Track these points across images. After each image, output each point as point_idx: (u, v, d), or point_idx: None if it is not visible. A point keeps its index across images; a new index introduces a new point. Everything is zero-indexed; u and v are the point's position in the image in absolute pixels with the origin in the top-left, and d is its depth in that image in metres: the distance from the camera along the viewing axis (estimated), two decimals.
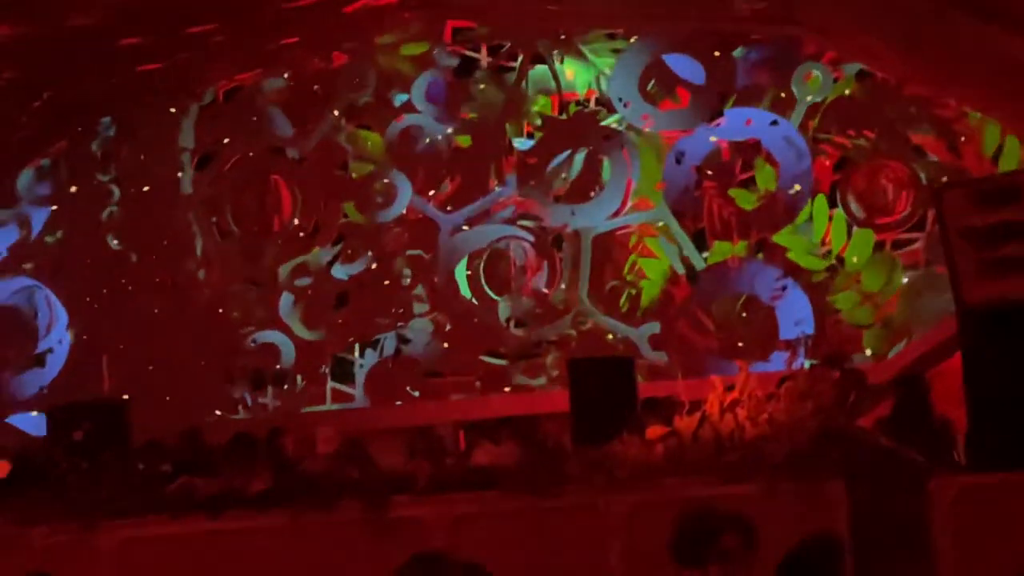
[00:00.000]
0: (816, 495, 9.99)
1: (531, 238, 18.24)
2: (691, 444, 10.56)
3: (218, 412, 17.97)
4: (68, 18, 15.01)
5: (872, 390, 11.82)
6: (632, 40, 18.18)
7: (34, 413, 17.46)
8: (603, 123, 18.30)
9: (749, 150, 17.85)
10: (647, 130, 18.03)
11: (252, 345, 18.44)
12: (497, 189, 18.46)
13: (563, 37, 18.36)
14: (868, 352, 16.84)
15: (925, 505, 10.13)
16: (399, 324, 18.16)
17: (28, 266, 18.85)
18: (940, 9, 13.08)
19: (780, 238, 17.53)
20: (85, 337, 18.63)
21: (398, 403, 17.91)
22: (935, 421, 11.42)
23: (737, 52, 17.98)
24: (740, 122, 17.70)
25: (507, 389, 17.70)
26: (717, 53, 17.78)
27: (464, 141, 18.71)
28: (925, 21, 13.84)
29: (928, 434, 11.01)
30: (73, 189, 18.85)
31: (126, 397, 15.97)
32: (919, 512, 10.12)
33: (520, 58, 18.66)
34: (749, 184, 17.85)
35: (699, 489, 9.99)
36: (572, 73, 18.65)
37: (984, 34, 13.63)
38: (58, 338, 18.59)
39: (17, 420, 17.95)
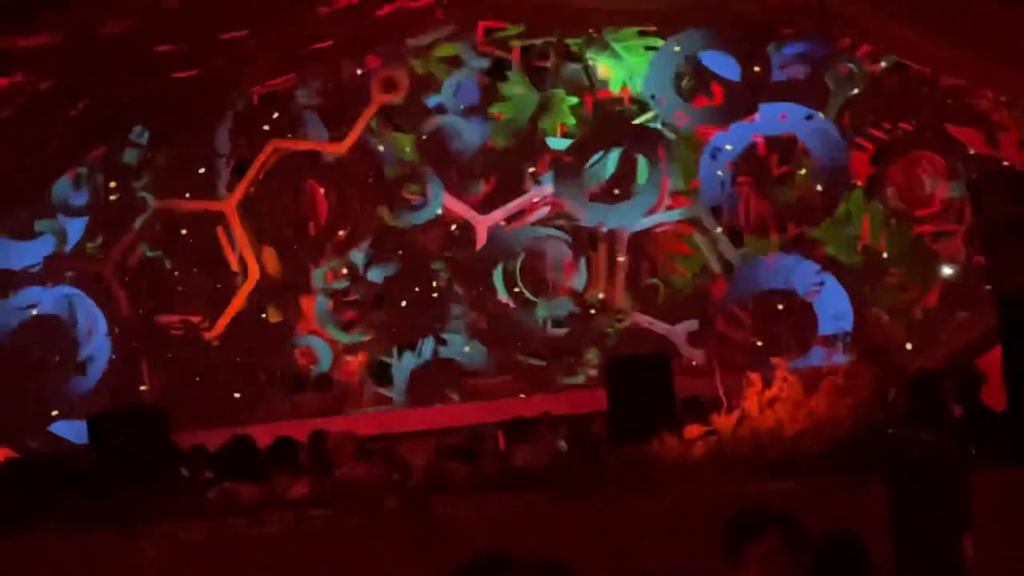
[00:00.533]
0: (857, 490, 9.93)
1: (567, 237, 18.24)
2: (730, 442, 10.51)
3: (258, 417, 18.03)
4: (103, 27, 15.10)
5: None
6: (666, 37, 18.15)
7: (76, 420, 17.55)
8: (637, 121, 18.28)
9: (785, 145, 17.80)
10: (682, 127, 17.98)
11: (291, 349, 18.53)
12: (532, 189, 18.47)
13: (595, 35, 18.34)
14: (908, 346, 16.76)
15: (966, 497, 10.05)
16: (436, 326, 18.18)
17: (68, 274, 18.97)
18: None
19: (817, 232, 17.47)
20: (125, 344, 18.73)
21: (437, 405, 17.93)
22: (950, 416, 11.28)
23: (771, 47, 17.94)
24: (775, 117, 17.65)
25: (545, 388, 17.70)
26: (751, 49, 17.74)
27: (498, 141, 18.72)
28: (960, 10, 13.77)
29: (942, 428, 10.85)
30: (110, 197, 18.96)
31: (166, 403, 16.05)
32: (961, 504, 10.05)
33: (552, 57, 18.65)
34: (785, 179, 17.80)
35: (739, 487, 9.95)
36: (605, 71, 18.62)
37: (1019, 24, 13.53)
38: (98, 345, 18.69)
39: (59, 427, 18.05)
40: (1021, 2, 12.61)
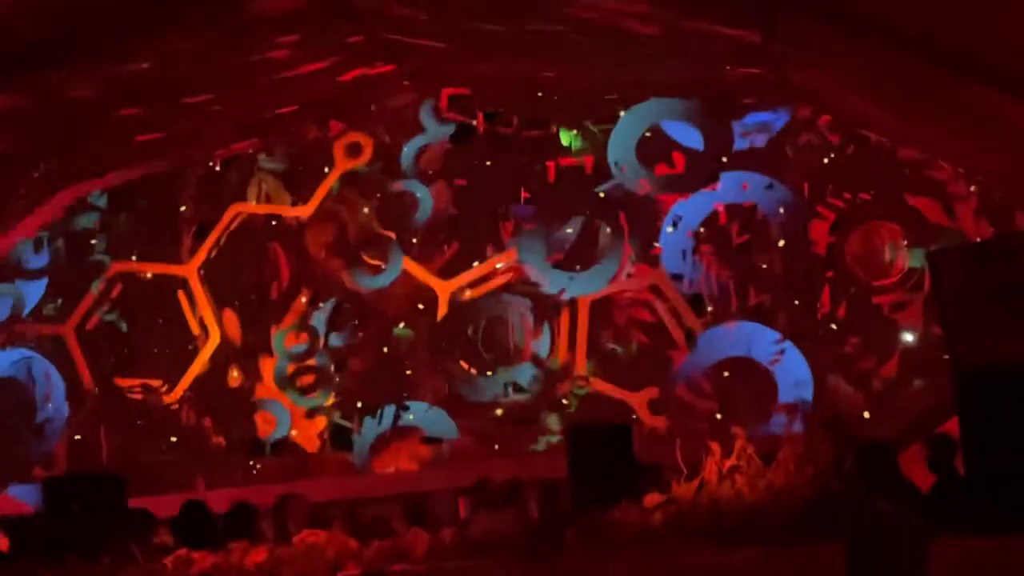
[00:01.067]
0: (815, 560, 9.93)
1: (530, 304, 18.26)
2: (690, 510, 10.52)
3: (217, 482, 17.93)
4: (66, 90, 15.10)
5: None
6: (629, 107, 18.26)
7: (32, 484, 17.40)
8: (600, 188, 18.36)
9: (745, 214, 17.92)
10: (643, 195, 18.07)
11: (250, 413, 18.45)
12: (495, 255, 18.52)
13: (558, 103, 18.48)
14: (866, 414, 16.83)
15: (926, 569, 10.05)
16: (398, 392, 18.15)
17: (27, 336, 18.89)
18: (931, 71, 13.16)
19: (776, 301, 17.55)
20: (83, 407, 18.62)
21: (397, 471, 17.87)
22: (907, 484, 11.33)
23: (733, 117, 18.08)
24: (736, 186, 17.78)
25: (506, 455, 17.67)
26: (713, 118, 17.87)
27: (461, 207, 18.78)
28: (917, 84, 13.91)
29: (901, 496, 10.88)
30: (70, 260, 18.94)
31: (124, 467, 15.96)
32: (919, 573, 10.05)
33: (516, 124, 18.76)
34: (746, 247, 17.89)
35: (699, 556, 9.94)
36: (568, 139, 18.74)
37: (976, 96, 13.69)
38: (56, 408, 18.59)
39: (15, 491, 17.88)
40: (976, 75, 12.76)
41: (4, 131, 15.77)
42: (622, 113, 18.21)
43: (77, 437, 18.51)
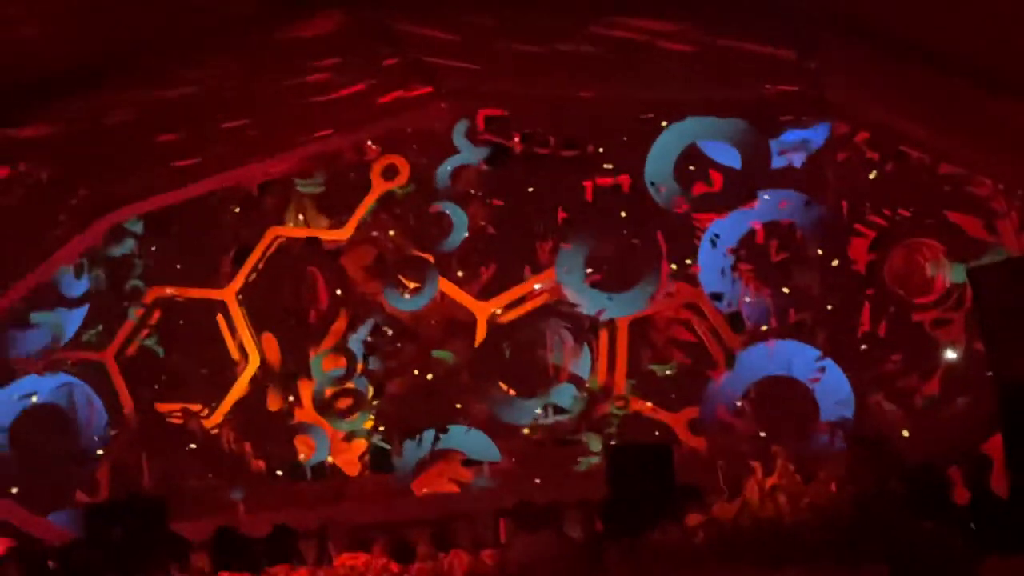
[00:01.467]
0: None
1: (568, 324, 18.22)
2: (731, 531, 10.46)
3: (257, 505, 17.96)
4: (103, 117, 15.20)
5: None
6: (666, 125, 18.22)
7: (74, 509, 17.46)
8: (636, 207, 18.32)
9: (784, 232, 17.83)
10: (681, 213, 18.02)
11: (290, 437, 18.47)
12: (532, 276, 18.49)
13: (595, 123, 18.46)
14: (907, 433, 16.69)
15: None
16: (436, 414, 18.12)
17: (68, 363, 18.97)
18: (968, 88, 13.10)
19: (816, 319, 17.46)
20: (124, 432, 18.69)
21: (438, 493, 17.83)
22: (953, 506, 11.22)
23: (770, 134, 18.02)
24: (774, 204, 17.70)
25: (547, 477, 17.62)
26: (751, 137, 17.81)
27: (498, 228, 18.77)
28: (954, 100, 13.85)
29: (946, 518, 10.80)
30: (110, 286, 19.03)
31: (165, 492, 16.01)
32: None
33: (552, 144, 18.74)
34: (785, 266, 17.80)
35: None
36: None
37: (1014, 112, 13.61)
38: (97, 434, 18.65)
39: (57, 517, 17.95)
40: (1014, 91, 12.70)
41: (42, 158, 15.88)
42: (661, 131, 18.13)
43: (118, 462, 18.54)
